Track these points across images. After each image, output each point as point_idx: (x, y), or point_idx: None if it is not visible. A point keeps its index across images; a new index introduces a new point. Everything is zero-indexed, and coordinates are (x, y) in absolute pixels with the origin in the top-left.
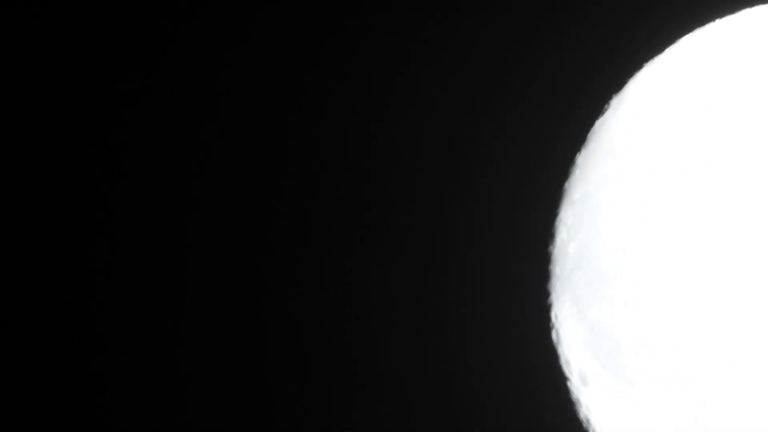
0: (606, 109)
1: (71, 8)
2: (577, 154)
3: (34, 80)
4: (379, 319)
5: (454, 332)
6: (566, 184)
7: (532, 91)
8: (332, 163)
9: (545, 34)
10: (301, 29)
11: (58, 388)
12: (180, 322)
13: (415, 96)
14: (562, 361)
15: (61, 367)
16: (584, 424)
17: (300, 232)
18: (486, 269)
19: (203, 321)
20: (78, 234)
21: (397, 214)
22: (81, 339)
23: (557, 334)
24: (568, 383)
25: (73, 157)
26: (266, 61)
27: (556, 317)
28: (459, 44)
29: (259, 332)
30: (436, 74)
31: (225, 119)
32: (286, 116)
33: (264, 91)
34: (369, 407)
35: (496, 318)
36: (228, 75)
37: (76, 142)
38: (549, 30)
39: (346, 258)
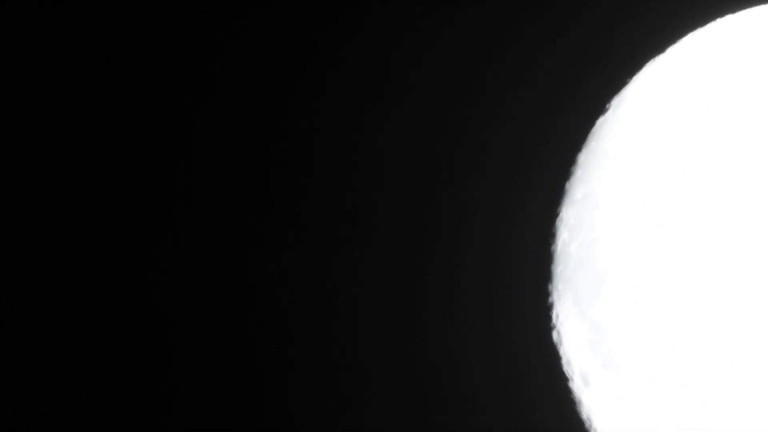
0: (606, 109)
1: (71, 8)
2: (578, 154)
3: (33, 80)
4: (376, 321)
5: (455, 333)
6: (567, 184)
7: (533, 90)
8: (323, 161)
9: (545, 33)
10: (295, 27)
11: (53, 387)
12: (172, 320)
13: (414, 96)
14: (564, 361)
15: (55, 366)
16: (585, 424)
17: (291, 228)
18: (487, 269)
19: (196, 320)
20: (78, 233)
21: (396, 215)
22: (74, 337)
23: (558, 335)
24: (570, 383)
25: (73, 156)
26: (261, 58)
27: (558, 317)
28: (458, 44)
29: (248, 329)
30: (436, 74)
31: (219, 115)
32: (277, 113)
33: (259, 89)
34: (368, 408)
35: (497, 318)
36: (222, 72)
37: (76, 141)
38: (549, 29)
39: (345, 257)
